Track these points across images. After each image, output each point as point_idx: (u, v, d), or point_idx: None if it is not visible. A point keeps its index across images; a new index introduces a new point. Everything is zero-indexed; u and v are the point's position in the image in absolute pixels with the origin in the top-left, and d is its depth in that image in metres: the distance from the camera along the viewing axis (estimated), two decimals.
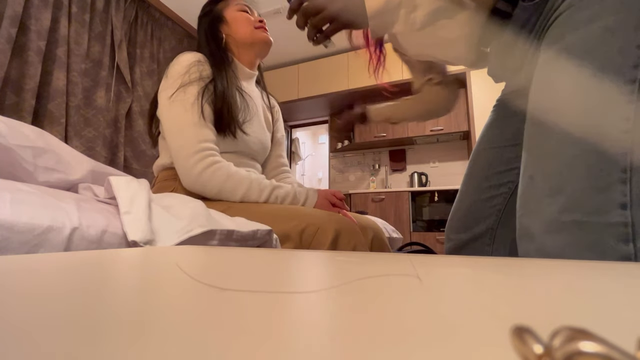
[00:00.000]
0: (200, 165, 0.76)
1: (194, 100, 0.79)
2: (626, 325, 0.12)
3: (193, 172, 0.77)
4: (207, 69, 0.85)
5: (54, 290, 0.17)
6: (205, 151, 0.77)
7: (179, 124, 0.79)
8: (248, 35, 0.93)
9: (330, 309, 0.14)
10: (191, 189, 0.79)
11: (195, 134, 0.78)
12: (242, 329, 0.11)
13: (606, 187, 0.42)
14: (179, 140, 0.78)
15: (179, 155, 0.78)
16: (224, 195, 0.78)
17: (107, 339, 0.10)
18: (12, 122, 0.68)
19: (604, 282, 0.22)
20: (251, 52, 0.96)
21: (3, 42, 1.75)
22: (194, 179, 0.77)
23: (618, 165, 0.42)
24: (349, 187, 3.87)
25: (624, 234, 0.41)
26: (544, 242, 0.46)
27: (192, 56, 0.84)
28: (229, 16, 0.95)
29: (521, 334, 0.08)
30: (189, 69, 0.82)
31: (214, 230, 0.54)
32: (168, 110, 0.80)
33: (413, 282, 0.20)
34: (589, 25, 0.47)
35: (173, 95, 0.79)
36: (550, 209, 0.46)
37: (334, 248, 0.66)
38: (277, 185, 0.80)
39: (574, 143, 0.45)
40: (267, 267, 0.27)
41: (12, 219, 0.38)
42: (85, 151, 2.08)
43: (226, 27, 0.94)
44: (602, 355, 0.07)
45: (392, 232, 1.43)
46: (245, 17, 0.94)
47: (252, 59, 0.98)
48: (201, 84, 0.81)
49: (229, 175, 0.77)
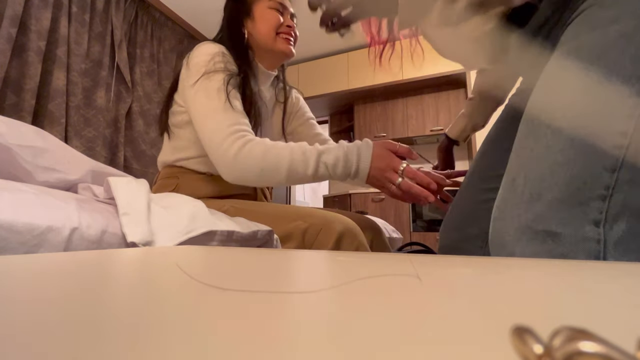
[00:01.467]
0: (234, 148, 0.67)
1: (219, 86, 0.73)
2: (626, 325, 0.12)
3: (228, 157, 0.68)
4: (232, 62, 0.80)
5: (54, 291, 0.17)
6: (238, 132, 0.69)
7: (204, 112, 0.73)
8: (268, 40, 0.85)
9: (330, 309, 0.14)
10: (233, 180, 0.71)
11: (223, 119, 0.71)
12: (242, 329, 0.11)
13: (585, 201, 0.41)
14: (208, 129, 0.71)
15: (211, 144, 0.71)
16: (267, 176, 0.67)
17: (107, 339, 0.10)
18: (12, 122, 0.68)
19: (603, 282, 0.22)
20: (270, 57, 0.89)
21: (3, 42, 1.75)
22: (231, 164, 0.68)
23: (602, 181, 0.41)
24: (349, 187, 3.87)
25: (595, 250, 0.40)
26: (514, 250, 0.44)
27: (214, 47, 0.79)
28: (258, 12, 0.86)
29: (521, 334, 0.08)
30: (213, 58, 0.76)
31: (214, 231, 0.54)
32: (193, 100, 0.75)
33: (413, 282, 0.20)
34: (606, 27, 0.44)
35: (197, 84, 0.74)
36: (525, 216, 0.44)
37: (337, 249, 0.66)
38: (322, 149, 0.67)
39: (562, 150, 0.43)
40: (267, 267, 0.27)
41: (12, 219, 0.38)
42: (85, 151, 2.08)
43: (250, 23, 0.86)
44: (602, 355, 0.07)
45: (392, 232, 1.43)
46: (274, 18, 0.85)
47: (271, 63, 0.92)
48: (227, 73, 0.76)
49: (266, 149, 0.67)
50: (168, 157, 0.86)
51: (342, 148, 0.67)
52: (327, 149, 0.67)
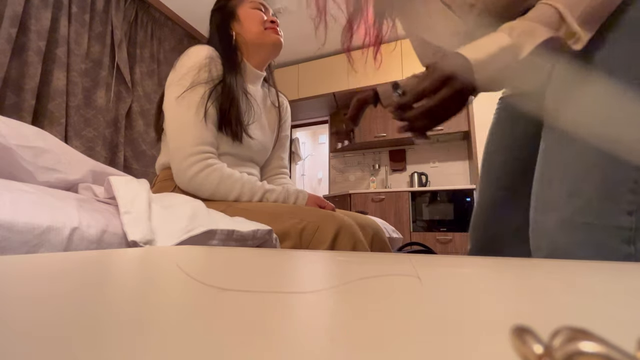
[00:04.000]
0: (194, 168, 0.77)
1: (199, 99, 0.79)
2: (626, 325, 0.12)
3: (187, 174, 0.78)
4: (219, 67, 0.84)
5: (54, 291, 0.17)
6: (202, 154, 0.78)
7: (180, 123, 0.79)
8: (258, 36, 0.91)
9: (330, 309, 0.14)
10: (185, 189, 0.80)
11: (194, 136, 0.78)
12: (242, 329, 0.11)
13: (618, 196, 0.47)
14: (178, 140, 0.79)
15: (176, 155, 0.79)
16: (217, 197, 0.79)
17: (107, 339, 0.10)
18: (12, 122, 0.68)
19: (604, 282, 0.22)
20: (260, 53, 0.94)
21: (3, 42, 1.75)
22: (188, 180, 0.78)
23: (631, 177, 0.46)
24: (349, 187, 3.87)
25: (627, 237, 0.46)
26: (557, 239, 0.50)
27: (204, 52, 0.83)
28: (242, 13, 0.92)
29: (521, 334, 0.08)
30: (200, 69, 0.81)
31: (214, 230, 0.54)
32: (173, 108, 0.80)
33: (413, 282, 0.20)
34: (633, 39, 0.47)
35: (182, 95, 0.79)
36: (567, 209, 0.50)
37: (334, 246, 0.66)
38: (268, 188, 0.81)
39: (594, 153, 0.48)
40: (267, 267, 0.27)
41: (12, 218, 0.38)
42: (85, 151, 2.08)
43: (237, 25, 0.92)
44: (602, 355, 0.07)
45: (392, 232, 1.43)
46: (258, 16, 0.92)
47: (261, 60, 0.96)
48: (210, 85, 0.81)
49: (222, 178, 0.78)
50: (164, 159, 0.88)
51: (284, 193, 0.82)
52: (272, 189, 0.81)
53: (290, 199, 0.82)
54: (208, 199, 0.79)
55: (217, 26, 0.93)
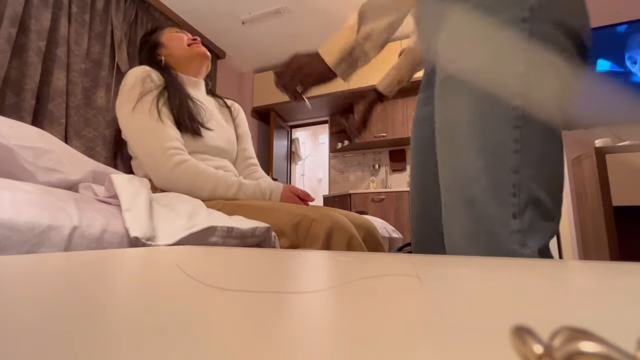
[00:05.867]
0: (169, 164, 0.80)
1: (150, 106, 0.84)
2: (626, 325, 0.12)
3: (163, 171, 0.80)
4: (160, 77, 0.91)
5: (54, 291, 0.17)
6: (172, 149, 0.81)
7: (142, 131, 0.83)
8: (184, 52, 1.01)
9: (330, 309, 0.15)
10: (163, 188, 0.83)
11: (159, 137, 0.82)
12: (242, 329, 0.11)
13: (503, 200, 0.49)
14: (146, 146, 0.83)
15: (147, 159, 0.83)
16: (192, 193, 0.81)
17: (107, 339, 0.10)
18: (13, 122, 0.68)
19: (604, 282, 0.22)
20: (192, 65, 1.02)
21: (3, 42, 1.75)
22: (165, 177, 0.81)
23: (510, 181, 0.49)
24: (349, 187, 3.87)
25: (521, 239, 0.48)
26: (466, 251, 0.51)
27: (141, 70, 0.89)
28: (165, 39, 1.02)
29: (521, 334, 0.08)
30: (143, 81, 0.86)
31: (214, 227, 0.54)
32: (130, 122, 0.85)
33: (413, 282, 0.20)
34: None
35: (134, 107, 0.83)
36: (467, 221, 0.51)
37: (329, 241, 0.67)
38: (243, 183, 0.85)
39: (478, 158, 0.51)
40: (267, 267, 0.27)
41: (13, 218, 0.38)
42: (85, 151, 2.08)
43: (164, 50, 1.02)
44: (602, 355, 0.07)
45: (392, 232, 1.43)
46: (179, 37, 1.03)
47: (195, 71, 1.04)
48: (155, 92, 0.86)
49: (197, 173, 0.81)
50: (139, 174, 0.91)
51: (259, 187, 0.87)
52: (246, 184, 0.86)
53: (266, 195, 0.86)
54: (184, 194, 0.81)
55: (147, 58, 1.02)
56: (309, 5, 2.84)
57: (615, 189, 1.51)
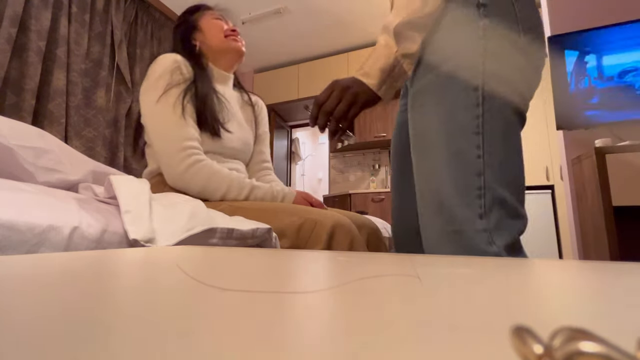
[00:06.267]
0: (184, 164, 0.79)
1: (175, 100, 0.82)
2: (626, 325, 0.12)
3: (177, 170, 0.80)
4: (189, 69, 0.89)
5: (54, 291, 0.17)
6: (189, 149, 0.80)
7: (162, 125, 0.82)
8: (220, 43, 0.97)
9: (330, 309, 0.15)
10: (175, 186, 0.82)
11: (178, 133, 0.81)
12: (242, 329, 0.11)
13: (471, 202, 0.54)
14: (164, 140, 0.82)
15: (163, 154, 0.82)
16: (206, 194, 0.80)
17: (107, 339, 0.10)
18: (13, 122, 0.68)
19: (604, 282, 0.22)
20: (225, 58, 1.00)
21: (3, 42, 1.75)
22: (178, 176, 0.80)
23: (475, 184, 0.54)
24: (349, 187, 3.87)
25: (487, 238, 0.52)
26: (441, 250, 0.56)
27: (172, 59, 0.87)
28: (204, 24, 0.98)
29: (521, 334, 0.08)
30: (172, 72, 0.84)
31: (214, 229, 0.54)
32: (152, 112, 0.83)
33: (413, 282, 0.20)
34: None
35: (159, 98, 0.82)
36: (439, 222, 0.56)
37: (331, 244, 0.66)
38: (256, 185, 0.84)
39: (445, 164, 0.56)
40: (267, 267, 0.27)
41: (13, 218, 0.38)
42: (85, 151, 2.08)
43: (200, 35, 0.98)
44: (602, 355, 0.07)
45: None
46: (219, 26, 0.99)
47: (227, 65, 1.01)
48: (182, 87, 0.85)
49: (211, 174, 0.80)
50: (152, 166, 0.90)
51: (272, 188, 0.84)
52: (259, 186, 0.84)
53: (277, 198, 0.85)
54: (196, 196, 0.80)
55: (181, 38, 0.99)
56: (309, 5, 2.84)
57: (615, 189, 1.50)
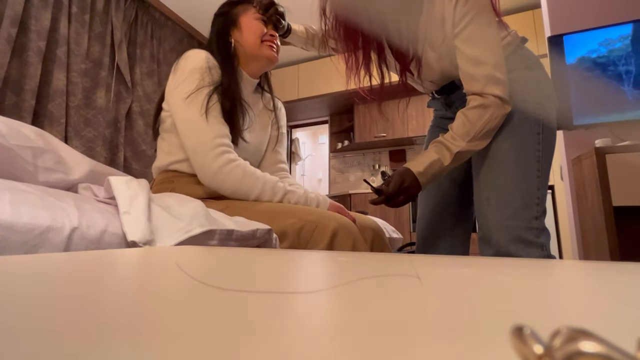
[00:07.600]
0: (218, 162, 0.78)
1: (206, 98, 0.81)
2: (626, 325, 0.12)
3: (212, 169, 0.78)
4: (219, 72, 0.87)
5: (54, 291, 0.17)
6: (222, 147, 0.79)
7: (193, 122, 0.80)
8: (254, 47, 0.93)
9: (330, 309, 0.14)
10: (208, 185, 0.81)
11: (210, 130, 0.79)
12: (242, 329, 0.11)
13: (530, 206, 0.75)
14: (196, 138, 0.80)
15: (196, 151, 0.80)
16: (239, 194, 0.79)
17: (107, 339, 0.10)
18: (12, 122, 0.68)
19: (604, 282, 0.22)
20: (255, 64, 0.96)
21: (3, 42, 1.75)
22: (212, 175, 0.78)
23: (535, 194, 0.76)
24: (349, 187, 3.87)
25: (536, 233, 0.74)
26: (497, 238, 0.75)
27: (204, 56, 0.85)
28: (244, 22, 0.94)
29: (521, 334, 0.08)
30: (203, 73, 0.83)
31: (213, 230, 0.54)
32: (183, 110, 0.81)
33: (413, 282, 0.20)
34: None
35: (189, 96, 0.81)
36: (501, 217, 0.76)
37: (332, 245, 0.66)
38: (289, 190, 0.82)
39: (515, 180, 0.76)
40: (267, 268, 0.27)
41: (12, 218, 0.38)
42: (85, 151, 2.08)
43: (237, 33, 0.94)
44: (602, 355, 0.07)
45: (392, 232, 1.42)
46: (258, 28, 0.94)
47: (256, 70, 0.98)
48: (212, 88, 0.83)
49: (245, 175, 0.79)
50: (162, 162, 0.89)
51: (305, 198, 0.83)
52: (293, 191, 0.82)
53: (312, 204, 0.82)
54: (230, 197, 0.80)
55: (218, 31, 0.95)
56: (309, 5, 2.84)
57: (615, 189, 1.50)
